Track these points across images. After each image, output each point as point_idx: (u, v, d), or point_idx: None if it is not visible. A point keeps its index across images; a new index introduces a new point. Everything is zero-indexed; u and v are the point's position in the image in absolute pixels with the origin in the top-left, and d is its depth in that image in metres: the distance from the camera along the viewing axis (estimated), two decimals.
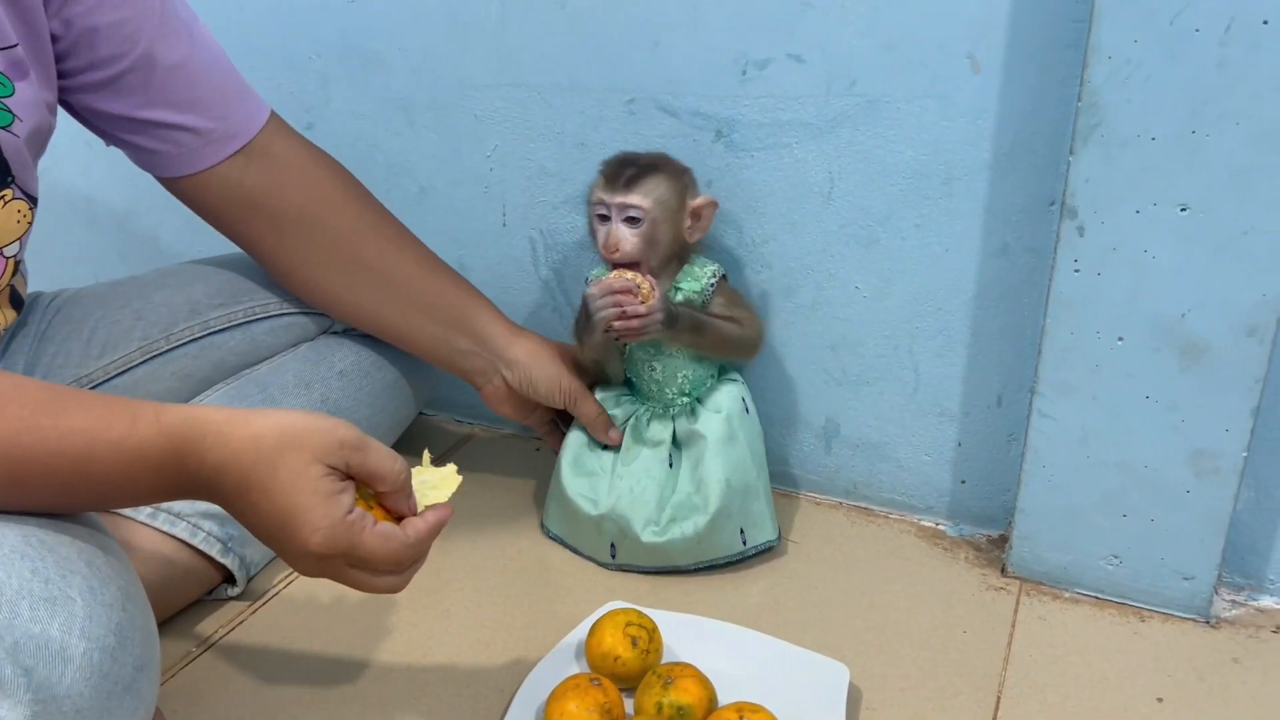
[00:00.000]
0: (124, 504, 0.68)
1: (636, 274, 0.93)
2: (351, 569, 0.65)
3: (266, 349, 1.03)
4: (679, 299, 0.95)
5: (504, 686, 0.84)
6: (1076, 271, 0.84)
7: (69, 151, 1.32)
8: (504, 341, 1.01)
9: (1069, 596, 0.94)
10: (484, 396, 1.05)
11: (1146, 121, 0.78)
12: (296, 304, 1.04)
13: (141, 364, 0.97)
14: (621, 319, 0.91)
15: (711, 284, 0.96)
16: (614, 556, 0.98)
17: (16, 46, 0.78)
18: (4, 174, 0.79)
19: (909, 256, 0.97)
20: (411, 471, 0.69)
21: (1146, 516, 0.89)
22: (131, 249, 1.44)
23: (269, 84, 0.94)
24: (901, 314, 1.00)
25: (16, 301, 0.91)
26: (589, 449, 1.01)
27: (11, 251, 0.84)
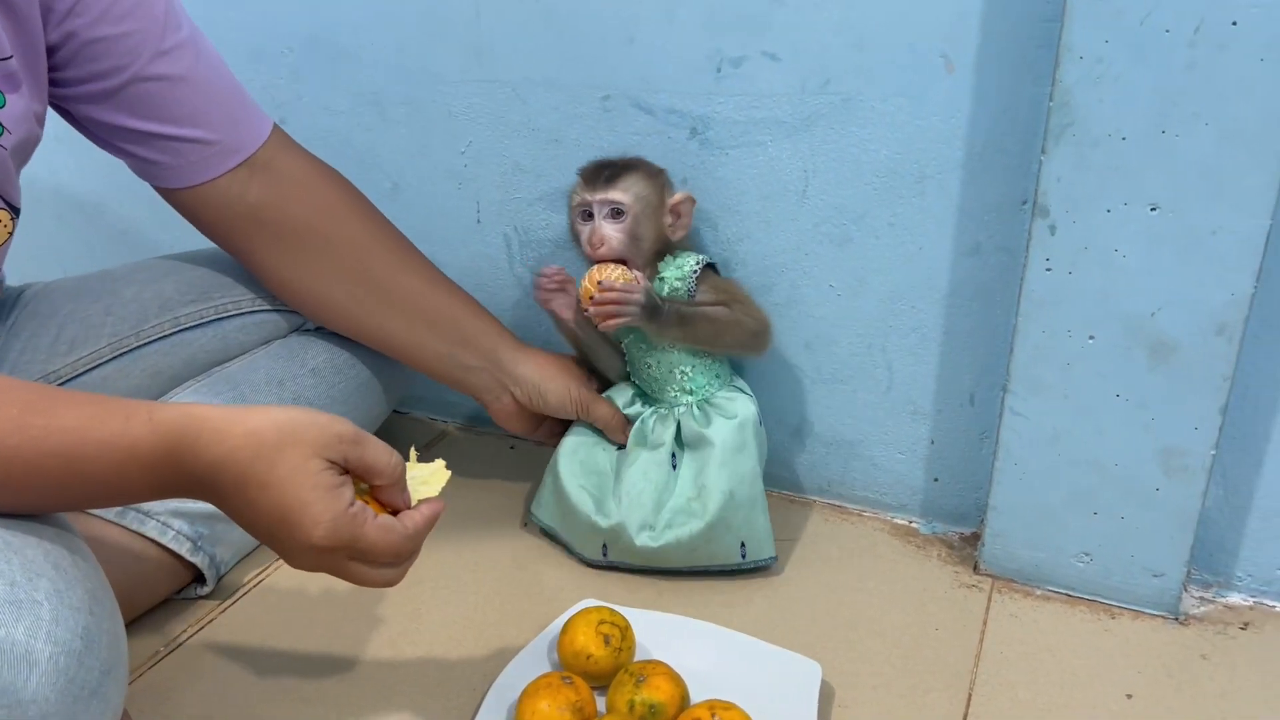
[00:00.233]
0: (116, 503, 0.67)
1: (624, 269, 0.92)
2: (351, 562, 0.65)
3: (238, 346, 1.02)
4: (665, 291, 0.95)
5: (476, 685, 0.83)
6: (1048, 270, 0.85)
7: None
8: (510, 358, 1.01)
9: (1040, 594, 0.95)
10: (492, 414, 1.04)
11: (1118, 121, 0.78)
12: (268, 301, 1.03)
13: (111, 360, 0.96)
14: (599, 304, 0.90)
15: (695, 270, 0.95)
16: (605, 555, 0.97)
17: (11, 59, 0.77)
18: None
19: (883, 255, 0.97)
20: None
21: (1117, 514, 0.90)
22: (99, 242, 1.42)
23: (239, 78, 0.93)
24: (875, 312, 1.00)
25: None
26: (589, 446, 1.00)
27: None
